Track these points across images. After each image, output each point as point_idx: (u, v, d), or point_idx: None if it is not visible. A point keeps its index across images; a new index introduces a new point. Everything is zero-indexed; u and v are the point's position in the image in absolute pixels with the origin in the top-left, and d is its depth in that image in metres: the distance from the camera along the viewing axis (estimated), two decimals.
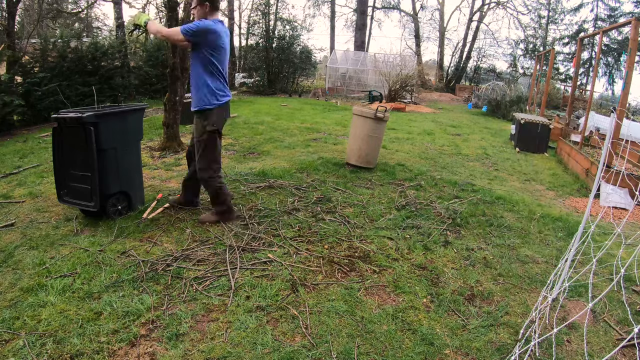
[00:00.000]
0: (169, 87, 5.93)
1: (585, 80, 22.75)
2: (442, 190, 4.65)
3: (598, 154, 6.38)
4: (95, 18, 21.09)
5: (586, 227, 2.28)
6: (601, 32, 7.54)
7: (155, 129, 7.62)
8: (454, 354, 2.09)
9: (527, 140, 7.84)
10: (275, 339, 2.12)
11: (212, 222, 3.43)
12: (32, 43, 10.48)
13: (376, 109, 5.16)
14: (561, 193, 5.31)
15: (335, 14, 27.08)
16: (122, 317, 2.23)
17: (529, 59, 25.78)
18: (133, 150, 3.69)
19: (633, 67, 5.93)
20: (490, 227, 3.69)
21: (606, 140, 2.14)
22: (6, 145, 6.91)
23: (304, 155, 5.90)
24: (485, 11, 25.76)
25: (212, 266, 2.80)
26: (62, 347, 2.00)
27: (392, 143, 7.27)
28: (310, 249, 3.10)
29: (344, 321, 2.29)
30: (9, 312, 2.25)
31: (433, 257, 3.09)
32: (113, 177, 3.45)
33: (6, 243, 3.11)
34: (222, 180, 3.46)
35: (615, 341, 2.23)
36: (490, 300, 2.58)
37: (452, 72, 26.11)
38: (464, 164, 6.28)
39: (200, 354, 1.99)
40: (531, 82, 14.10)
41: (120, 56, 12.03)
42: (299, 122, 9.24)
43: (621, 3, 22.77)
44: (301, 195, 4.20)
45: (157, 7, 17.71)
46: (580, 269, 2.70)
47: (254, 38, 19.12)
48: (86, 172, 3.34)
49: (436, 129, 9.48)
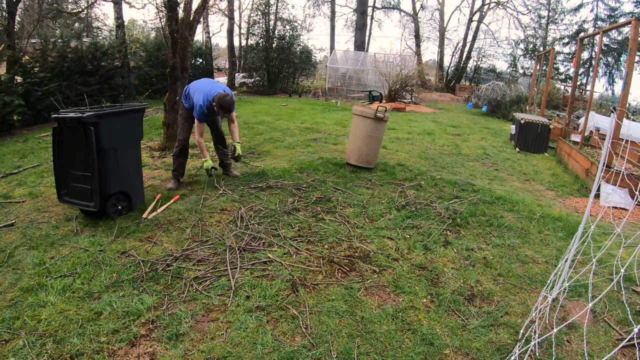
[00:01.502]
0: (169, 87, 5.93)
1: (585, 80, 22.73)
2: (442, 190, 4.65)
3: (598, 154, 6.38)
4: (95, 18, 21.08)
5: (586, 227, 2.28)
6: (601, 32, 7.53)
7: (155, 129, 7.62)
8: (454, 354, 2.09)
9: (527, 140, 7.83)
10: (275, 339, 2.12)
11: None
12: (32, 43, 10.48)
13: (376, 109, 5.15)
14: (561, 193, 5.30)
15: (335, 14, 27.07)
16: (122, 317, 2.23)
17: (529, 59, 25.76)
18: (133, 150, 3.69)
19: (633, 67, 5.93)
20: (490, 227, 3.69)
21: (606, 140, 2.14)
22: (6, 145, 6.91)
23: (304, 155, 5.90)
24: (485, 11, 25.74)
25: (212, 266, 2.80)
26: (62, 347, 2.00)
27: (392, 143, 7.27)
28: (310, 249, 3.10)
29: (344, 321, 2.29)
30: (9, 312, 2.25)
31: (433, 257, 3.09)
32: (113, 177, 3.45)
33: (6, 243, 3.11)
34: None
35: (615, 341, 2.23)
36: (490, 300, 2.58)
37: (452, 72, 26.10)
38: (464, 164, 6.28)
39: (200, 354, 1.99)
40: (531, 82, 14.10)
41: (120, 56, 12.03)
42: (299, 122, 9.24)
43: (621, 3, 22.77)
44: (301, 195, 4.20)
45: (157, 7, 17.70)
46: (580, 269, 2.70)
47: (254, 38, 19.11)
48: (86, 172, 3.34)
49: (436, 129, 9.47)
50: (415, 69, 16.71)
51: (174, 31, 5.59)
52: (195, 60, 15.95)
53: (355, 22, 23.04)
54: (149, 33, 19.32)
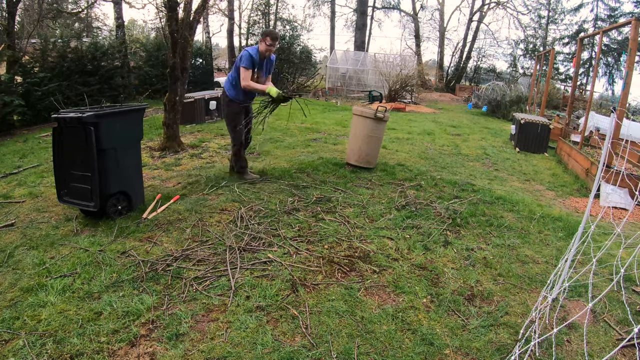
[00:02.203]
0: (169, 87, 5.93)
1: (585, 80, 22.73)
2: (442, 190, 4.65)
3: (598, 154, 6.37)
4: (95, 18, 21.08)
5: (586, 227, 2.28)
6: (601, 32, 7.53)
7: (155, 129, 7.62)
8: (454, 354, 2.09)
9: (527, 140, 7.83)
10: (275, 339, 2.12)
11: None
12: (32, 43, 10.48)
13: (376, 109, 5.15)
14: (561, 193, 5.30)
15: (335, 14, 27.09)
16: (122, 317, 2.23)
17: (529, 59, 25.78)
18: (133, 150, 3.68)
19: (633, 67, 5.93)
20: (490, 227, 3.69)
21: (606, 140, 2.14)
22: (6, 145, 6.91)
23: (304, 155, 5.90)
24: (485, 11, 25.75)
25: (212, 266, 2.80)
26: (62, 347, 2.00)
27: (392, 143, 7.27)
28: (310, 249, 3.10)
29: (344, 321, 2.29)
30: (9, 312, 2.25)
31: (433, 257, 3.09)
32: (113, 177, 3.45)
33: (6, 243, 3.11)
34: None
35: (615, 341, 2.23)
36: (490, 300, 2.58)
37: (452, 72, 26.11)
38: (464, 164, 6.28)
39: (200, 354, 1.99)
40: (531, 82, 14.10)
41: (120, 56, 12.03)
42: (298, 122, 9.24)
43: (621, 3, 22.78)
44: (301, 195, 4.20)
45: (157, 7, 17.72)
46: (580, 269, 2.70)
47: (254, 38, 19.13)
48: (86, 172, 3.33)
49: (436, 129, 9.47)
50: (415, 69, 16.71)
51: (174, 31, 5.59)
52: (195, 60, 15.94)
53: (355, 22, 23.05)
54: (149, 33, 19.33)
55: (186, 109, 7.69)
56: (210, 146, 6.50)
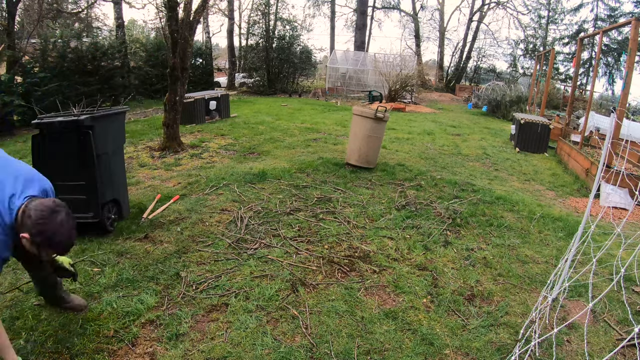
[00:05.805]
0: (169, 87, 5.94)
1: (585, 80, 22.74)
2: (442, 190, 4.65)
3: (598, 154, 6.37)
4: (95, 18, 21.04)
5: (586, 227, 2.28)
6: (601, 32, 7.54)
7: (155, 129, 7.62)
8: (454, 354, 2.09)
9: (527, 140, 7.83)
10: (275, 339, 2.12)
11: None
12: (32, 43, 10.47)
13: (376, 109, 5.15)
14: (561, 193, 5.30)
15: (335, 14, 27.10)
16: (122, 317, 2.23)
17: (529, 59, 25.79)
18: (120, 156, 3.47)
19: (633, 67, 5.93)
20: (490, 227, 3.69)
21: (606, 140, 2.14)
22: (6, 145, 6.91)
23: (304, 155, 5.90)
24: (485, 11, 25.77)
25: (212, 266, 2.80)
26: (62, 347, 2.00)
27: (392, 143, 7.27)
28: (310, 249, 3.10)
29: (344, 321, 2.29)
30: (9, 312, 2.25)
31: (433, 257, 3.09)
32: (106, 184, 3.20)
33: None
34: None
35: (615, 341, 2.23)
36: (490, 300, 2.57)
37: (452, 72, 26.12)
38: (464, 164, 6.28)
39: (200, 354, 1.99)
40: (531, 82, 14.10)
41: (120, 56, 12.03)
42: (299, 122, 9.24)
43: (621, 3, 22.78)
44: (301, 195, 4.20)
45: (157, 7, 17.71)
46: (580, 269, 2.70)
47: (254, 38, 19.14)
48: (79, 181, 3.05)
49: (436, 129, 9.47)
50: (415, 69, 16.71)
51: (174, 31, 5.59)
52: (195, 60, 15.96)
53: (355, 22, 23.04)
54: (149, 33, 19.30)
55: (186, 109, 7.69)
56: (210, 146, 6.50)
